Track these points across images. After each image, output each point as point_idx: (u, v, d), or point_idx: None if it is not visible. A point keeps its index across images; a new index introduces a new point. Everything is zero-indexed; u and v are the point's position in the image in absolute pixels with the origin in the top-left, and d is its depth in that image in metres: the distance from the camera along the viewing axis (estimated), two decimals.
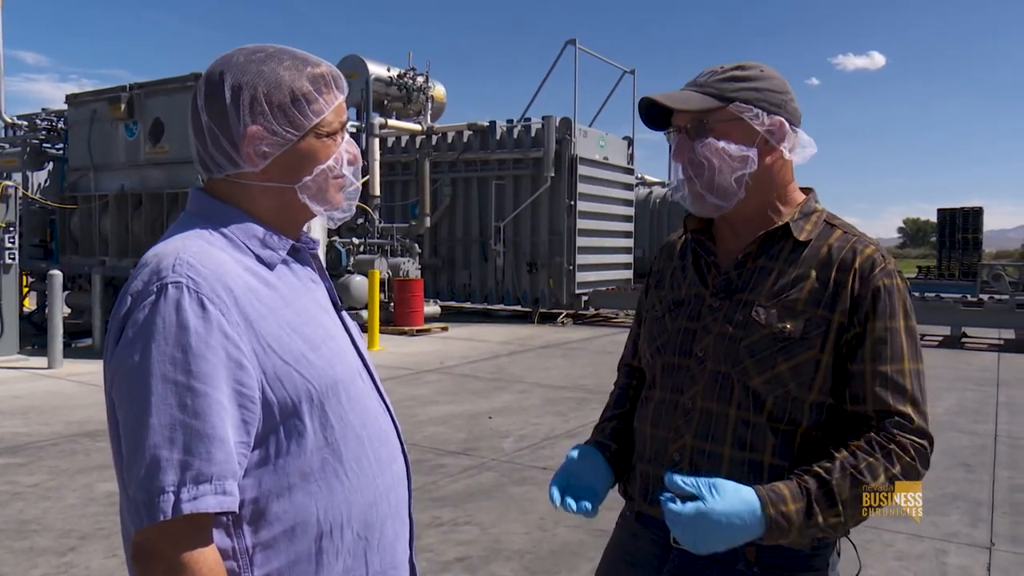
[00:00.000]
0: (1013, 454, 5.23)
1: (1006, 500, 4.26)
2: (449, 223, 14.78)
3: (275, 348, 0.94)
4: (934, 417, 5.07)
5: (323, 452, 0.96)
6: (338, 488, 0.97)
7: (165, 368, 0.86)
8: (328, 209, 1.07)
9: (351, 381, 1.03)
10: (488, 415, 6.13)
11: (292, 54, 1.04)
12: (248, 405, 0.90)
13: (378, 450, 1.04)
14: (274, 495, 0.93)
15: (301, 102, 1.01)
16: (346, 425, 0.99)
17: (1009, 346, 10.82)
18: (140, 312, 0.89)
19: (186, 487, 0.84)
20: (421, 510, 4.01)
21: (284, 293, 1.00)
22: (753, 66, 1.26)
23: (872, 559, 3.46)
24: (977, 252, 30.28)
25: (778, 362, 1.18)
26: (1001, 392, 7.49)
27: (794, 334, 1.18)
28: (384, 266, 12.27)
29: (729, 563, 1.20)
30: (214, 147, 1.01)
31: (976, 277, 16.30)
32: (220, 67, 1.02)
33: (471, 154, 14.45)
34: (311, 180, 1.03)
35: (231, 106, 0.99)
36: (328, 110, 1.03)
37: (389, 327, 11.56)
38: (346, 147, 1.07)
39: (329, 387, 0.98)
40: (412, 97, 16.19)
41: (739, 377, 1.20)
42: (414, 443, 5.36)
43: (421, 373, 8.39)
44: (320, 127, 1.03)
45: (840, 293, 1.19)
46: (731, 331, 1.22)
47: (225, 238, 0.99)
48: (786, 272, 1.23)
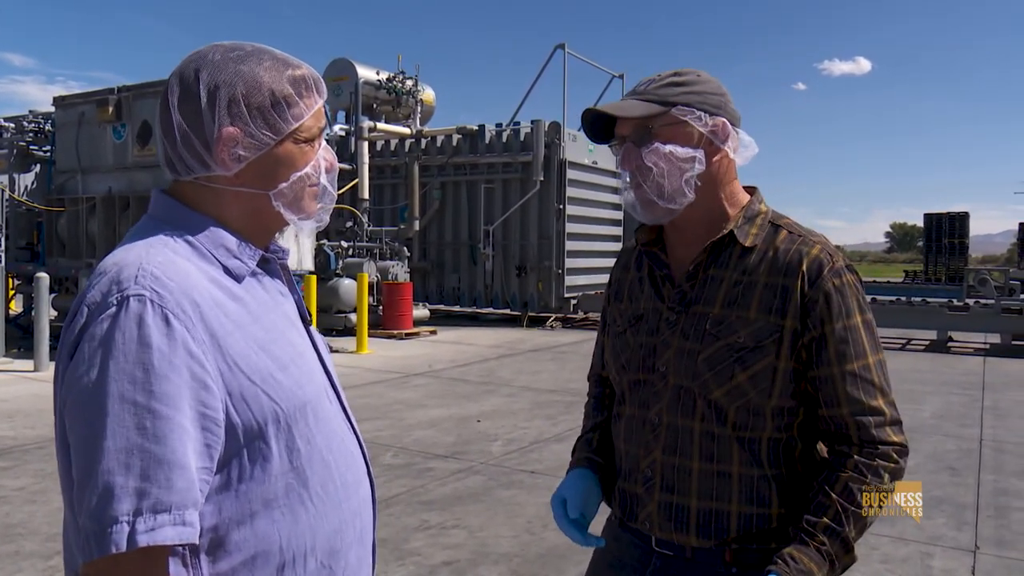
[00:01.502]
0: (998, 458, 5.27)
1: (991, 504, 4.29)
2: (438, 227, 14.77)
3: (242, 367, 0.88)
4: (920, 421, 5.11)
5: (288, 477, 0.91)
6: (302, 515, 0.92)
7: (124, 387, 0.79)
8: (302, 218, 1.02)
9: (319, 402, 0.98)
10: (477, 419, 6.12)
11: (272, 54, 0.99)
12: (212, 428, 0.84)
13: (344, 474, 0.99)
14: (235, 523, 0.87)
15: (281, 105, 0.96)
16: (313, 448, 0.94)
17: (995, 350, 10.91)
18: (98, 326, 0.82)
19: (142, 517, 0.77)
20: (409, 513, 4.00)
21: (252, 308, 0.94)
22: (689, 72, 1.28)
23: (858, 562, 3.47)
24: (963, 257, 30.54)
25: (736, 372, 1.19)
26: (986, 396, 7.56)
27: (748, 343, 1.19)
28: (373, 270, 12.24)
29: (708, 565, 1.22)
30: (184, 148, 0.95)
31: (962, 281, 16.44)
32: (195, 64, 0.96)
33: (460, 158, 14.46)
34: (287, 187, 0.98)
35: (207, 106, 0.93)
36: (308, 114, 0.99)
37: (378, 331, 11.53)
38: (324, 154, 1.02)
39: (297, 409, 0.93)
40: (401, 100, 16.19)
41: (700, 391, 1.21)
42: (402, 447, 5.35)
43: (410, 377, 8.37)
44: (299, 132, 0.98)
45: (790, 298, 1.20)
46: (688, 345, 1.23)
47: (190, 246, 0.93)
48: (736, 280, 1.23)
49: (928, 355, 10.68)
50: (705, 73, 1.29)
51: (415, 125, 15.73)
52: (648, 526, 1.27)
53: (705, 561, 1.22)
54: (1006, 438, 5.83)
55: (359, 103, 15.29)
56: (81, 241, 10.36)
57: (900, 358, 10.45)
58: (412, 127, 15.42)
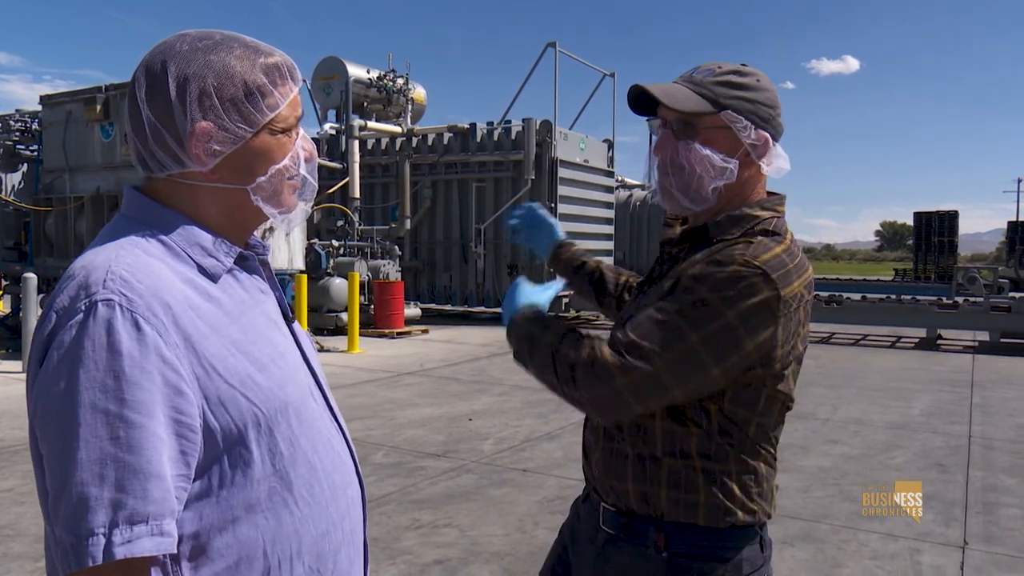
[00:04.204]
0: (986, 455, 5.31)
1: (979, 500, 4.32)
2: (429, 225, 14.74)
3: (218, 370, 0.86)
4: (909, 419, 5.13)
5: (271, 481, 0.89)
6: (287, 519, 0.90)
7: (95, 396, 0.77)
8: (283, 212, 0.99)
9: (302, 402, 0.96)
10: (468, 417, 6.11)
11: (242, 42, 0.95)
12: (188, 435, 0.82)
13: (331, 475, 0.97)
14: (216, 529, 0.85)
15: (255, 95, 0.92)
16: (296, 450, 0.92)
17: (983, 348, 10.98)
18: (66, 333, 0.80)
19: (119, 528, 0.76)
20: (400, 513, 3.99)
21: (229, 308, 0.91)
22: (751, 73, 1.25)
23: (848, 558, 3.49)
24: (953, 255, 30.75)
25: None
26: (975, 393, 7.60)
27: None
28: (364, 268, 12.21)
29: (641, 546, 1.23)
30: (157, 144, 0.92)
31: (952, 280, 16.54)
32: (161, 56, 0.92)
33: (451, 156, 14.43)
34: (265, 181, 0.95)
35: (177, 100, 0.90)
36: (284, 104, 0.95)
37: (369, 330, 11.51)
38: (302, 144, 0.99)
39: (278, 411, 0.90)
40: (392, 99, 16.16)
41: None
42: (394, 446, 5.34)
43: (401, 376, 8.36)
44: (275, 123, 0.95)
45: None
46: None
47: (164, 246, 0.90)
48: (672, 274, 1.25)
49: (918, 353, 10.74)
50: (765, 79, 1.26)
51: (406, 124, 15.71)
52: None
53: (637, 542, 1.24)
54: (994, 435, 5.87)
55: (350, 102, 15.24)
56: (69, 241, 10.30)
57: (890, 356, 10.50)
58: (403, 126, 15.40)
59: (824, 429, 6.01)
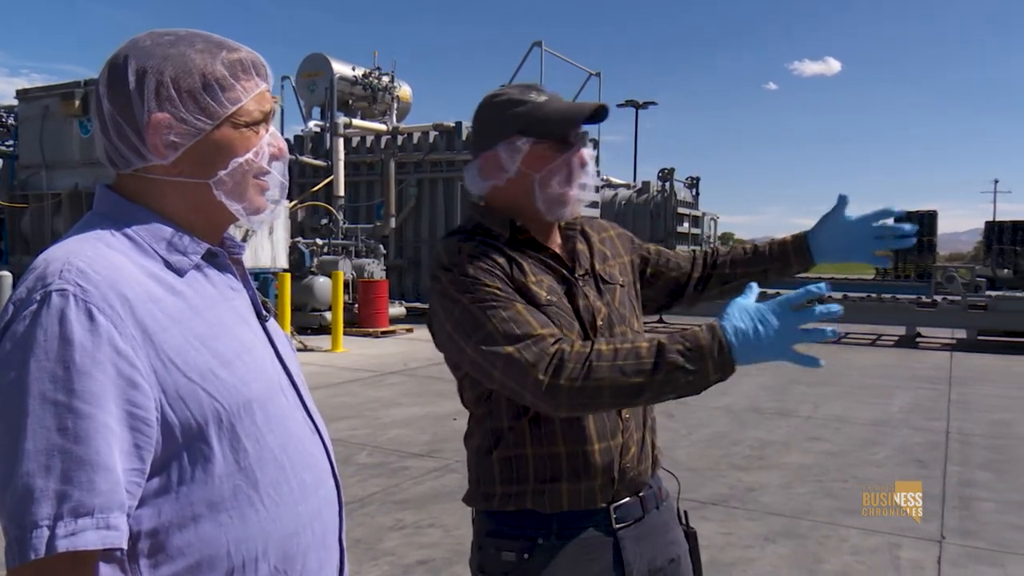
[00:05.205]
0: (964, 450, 5.38)
1: (956, 494, 4.38)
2: (415, 224, 14.70)
3: (178, 364, 0.85)
4: (889, 415, 5.18)
5: (235, 478, 0.88)
6: (252, 518, 0.89)
7: (44, 386, 0.76)
8: (248, 209, 0.97)
9: (270, 399, 0.94)
10: (453, 417, 6.07)
11: (206, 37, 0.95)
12: (142, 428, 0.81)
13: (301, 474, 0.95)
14: (176, 527, 0.84)
15: (214, 88, 0.92)
16: (263, 448, 0.91)
17: (961, 345, 11.14)
18: (20, 323, 0.79)
19: (63, 521, 0.74)
20: (383, 513, 3.98)
21: (195, 302, 0.90)
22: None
23: (828, 554, 3.53)
24: (932, 254, 31.09)
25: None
26: (953, 390, 7.70)
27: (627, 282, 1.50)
28: (348, 267, 12.16)
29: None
30: (119, 139, 0.92)
31: (931, 279, 16.74)
32: (124, 51, 0.93)
33: (437, 155, 14.40)
34: (227, 174, 0.94)
35: (135, 92, 0.90)
36: (247, 98, 0.94)
37: (354, 328, 11.46)
38: (270, 140, 0.98)
39: (241, 406, 0.89)
40: (377, 97, 16.11)
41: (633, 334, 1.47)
42: (377, 445, 5.32)
43: (385, 375, 8.33)
44: (238, 116, 0.94)
45: (632, 240, 1.57)
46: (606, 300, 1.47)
47: (129, 240, 0.90)
48: (592, 248, 1.47)
49: (897, 350, 10.87)
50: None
51: (391, 121, 15.65)
52: (646, 477, 1.38)
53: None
54: (972, 431, 5.95)
55: (335, 99, 15.17)
56: (46, 238, 10.15)
57: (870, 353, 10.62)
58: (388, 124, 15.34)
59: (806, 426, 6.06)
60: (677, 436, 5.48)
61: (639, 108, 30.70)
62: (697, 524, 1.49)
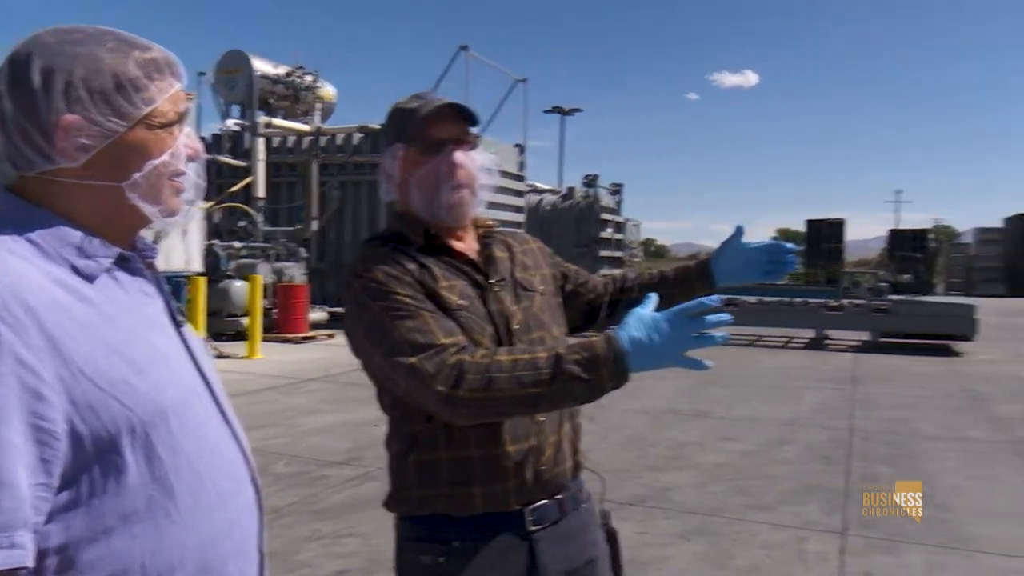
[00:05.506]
0: (866, 446, 5.67)
1: (858, 488, 4.60)
2: (338, 227, 14.43)
3: (87, 373, 0.82)
4: (799, 415, 5.40)
5: (149, 489, 0.85)
6: (168, 528, 0.87)
7: None
8: (163, 211, 0.95)
9: (186, 407, 0.92)
10: (374, 423, 5.99)
11: (116, 36, 0.92)
12: (49, 441, 0.78)
13: (219, 482, 0.94)
14: (86, 541, 0.82)
15: (127, 88, 0.89)
16: (179, 456, 0.89)
17: (865, 347, 11.74)
18: None
19: None
20: (301, 524, 3.88)
21: (105, 309, 0.87)
22: None
23: (740, 549, 3.65)
24: (840, 260, 32.68)
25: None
26: (857, 390, 8.11)
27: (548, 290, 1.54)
28: (267, 271, 11.84)
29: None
30: (23, 140, 0.88)
31: (839, 283, 17.61)
32: (27, 48, 0.89)
33: (361, 156, 14.18)
34: (141, 177, 0.92)
35: (41, 92, 0.86)
36: (161, 98, 0.92)
37: (273, 334, 11.14)
38: (185, 140, 0.96)
39: (156, 415, 0.87)
40: (300, 96, 15.76)
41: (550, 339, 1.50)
42: (295, 455, 5.19)
43: (304, 382, 8.14)
44: (152, 117, 0.92)
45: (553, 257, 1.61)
46: (524, 304, 1.49)
47: (33, 246, 0.86)
48: (511, 256, 1.50)
49: (807, 352, 11.38)
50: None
51: (314, 122, 15.34)
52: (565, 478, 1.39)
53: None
54: (873, 428, 6.28)
55: (255, 97, 14.74)
56: None
57: (782, 355, 11.07)
58: (311, 124, 15.03)
59: (720, 427, 6.26)
60: (596, 438, 5.56)
61: (565, 114, 31.13)
62: (615, 524, 1.51)
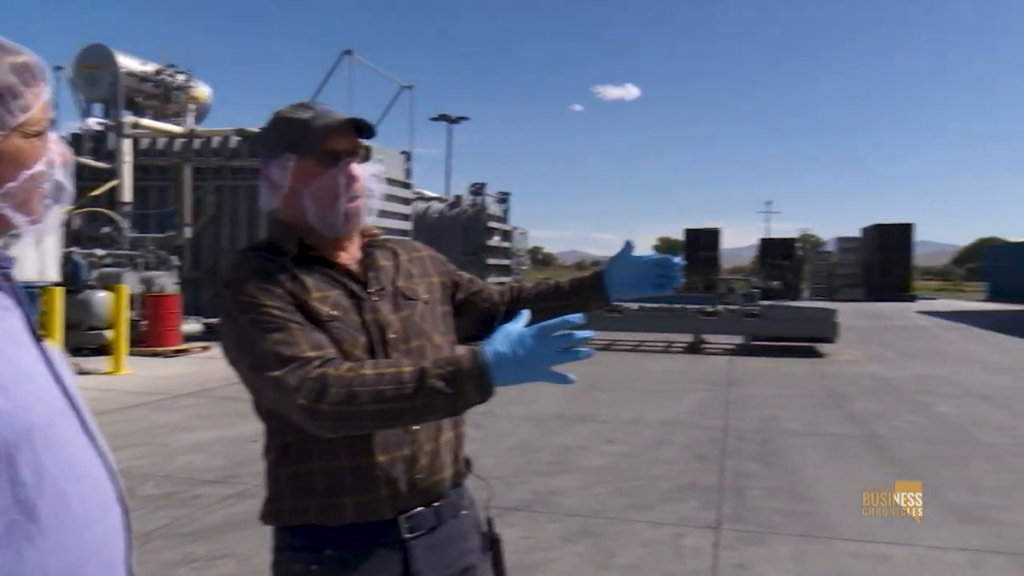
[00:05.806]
0: (738, 444, 5.98)
1: (731, 485, 4.85)
2: (214, 234, 13.73)
3: None
4: (677, 416, 5.62)
5: (10, 513, 0.81)
6: (30, 553, 0.82)
7: None
8: (34, 220, 0.92)
9: (51, 425, 0.88)
10: (253, 439, 5.74)
11: None
12: None
13: (86, 501, 0.90)
14: None
15: (5, 96, 0.86)
16: (43, 478, 0.84)
17: (738, 350, 12.41)
18: None
19: None
20: (172, 548, 3.64)
21: None
22: None
23: (621, 548, 3.74)
24: (715, 268, 34.50)
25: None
26: (731, 391, 8.55)
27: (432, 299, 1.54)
28: (134, 280, 11.09)
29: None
30: None
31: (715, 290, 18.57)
32: None
33: (239, 161, 13.59)
34: (16, 187, 0.88)
35: None
36: (36, 105, 0.89)
37: (141, 348, 10.43)
38: (55, 147, 0.93)
39: (22, 436, 0.82)
40: (171, 96, 14.94)
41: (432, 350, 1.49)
42: (166, 475, 4.87)
43: (177, 397, 7.67)
44: (27, 125, 0.88)
45: (445, 264, 1.59)
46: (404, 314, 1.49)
47: None
48: (395, 265, 1.50)
49: (686, 356, 11.90)
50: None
51: (187, 123, 14.57)
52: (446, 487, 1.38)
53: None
54: (745, 427, 6.63)
55: (120, 95, 13.82)
56: None
57: (663, 360, 11.52)
58: (184, 125, 14.26)
59: (604, 430, 6.42)
60: (484, 445, 5.56)
61: (452, 122, 31.16)
62: (501, 530, 1.50)
